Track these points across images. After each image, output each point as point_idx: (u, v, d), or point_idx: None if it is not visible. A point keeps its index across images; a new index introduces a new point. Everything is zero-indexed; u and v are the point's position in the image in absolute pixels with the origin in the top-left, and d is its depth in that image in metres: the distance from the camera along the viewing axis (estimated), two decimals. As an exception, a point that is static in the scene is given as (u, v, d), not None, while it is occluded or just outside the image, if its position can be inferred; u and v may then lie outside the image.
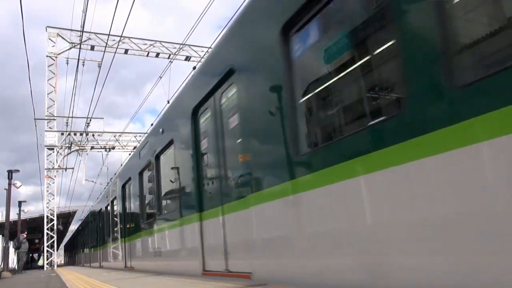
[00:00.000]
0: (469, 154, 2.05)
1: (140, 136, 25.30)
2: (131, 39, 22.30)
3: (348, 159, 2.85)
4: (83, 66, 21.34)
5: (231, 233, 4.68)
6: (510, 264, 1.90)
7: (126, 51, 22.27)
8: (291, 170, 3.47)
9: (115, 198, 13.42)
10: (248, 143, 4.27)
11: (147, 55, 22.96)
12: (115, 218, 13.52)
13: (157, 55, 23.06)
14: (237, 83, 4.51)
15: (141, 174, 9.64)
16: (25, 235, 21.26)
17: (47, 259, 24.01)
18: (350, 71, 3.24)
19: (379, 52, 3.03)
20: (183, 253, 6.46)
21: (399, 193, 2.47)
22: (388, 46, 2.83)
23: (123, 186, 11.94)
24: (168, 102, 11.13)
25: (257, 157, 4.13)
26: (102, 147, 24.98)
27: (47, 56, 22.21)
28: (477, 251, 2.05)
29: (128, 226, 11.49)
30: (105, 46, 17.94)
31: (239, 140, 4.57)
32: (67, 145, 23.31)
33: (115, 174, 18.02)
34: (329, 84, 3.43)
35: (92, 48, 21.57)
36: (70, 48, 22.28)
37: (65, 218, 35.57)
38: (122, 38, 19.85)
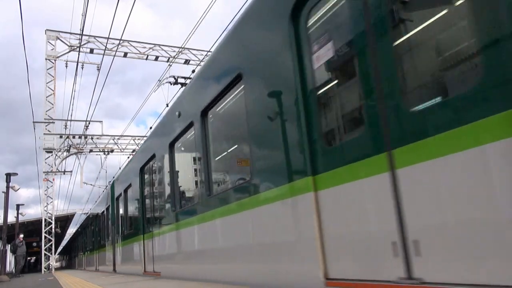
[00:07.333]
0: None
1: (138, 139, 25.23)
2: (130, 42, 22.27)
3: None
4: (82, 69, 21.30)
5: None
6: None
7: (125, 55, 22.22)
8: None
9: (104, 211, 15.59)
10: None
11: (146, 59, 22.90)
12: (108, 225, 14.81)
13: (156, 58, 23.01)
14: (156, 160, 7.78)
15: (107, 206, 13.76)
16: (21, 238, 21.00)
17: (45, 263, 23.84)
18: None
19: None
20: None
21: None
22: None
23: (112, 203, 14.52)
24: (167, 106, 11.23)
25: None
26: (101, 150, 24.89)
27: (46, 59, 22.16)
28: None
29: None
30: (104, 49, 17.92)
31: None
32: (66, 148, 23.22)
33: (107, 185, 18.74)
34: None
35: (92, 51, 21.54)
36: (69, 51, 22.22)
37: (63, 221, 35.41)
38: (121, 41, 19.81)
